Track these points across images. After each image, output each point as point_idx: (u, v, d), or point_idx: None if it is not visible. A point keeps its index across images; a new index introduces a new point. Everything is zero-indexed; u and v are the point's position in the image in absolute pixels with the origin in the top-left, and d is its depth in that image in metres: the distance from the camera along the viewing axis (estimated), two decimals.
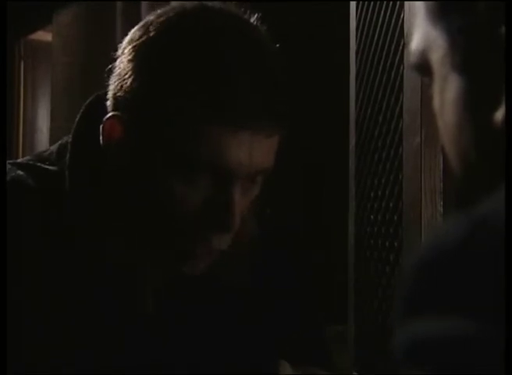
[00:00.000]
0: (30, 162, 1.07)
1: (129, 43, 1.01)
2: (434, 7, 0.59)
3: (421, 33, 0.62)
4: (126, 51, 1.01)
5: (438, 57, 0.60)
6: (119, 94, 1.00)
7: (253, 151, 0.97)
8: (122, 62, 1.00)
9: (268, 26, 1.03)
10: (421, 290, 0.52)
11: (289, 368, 1.04)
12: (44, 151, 1.10)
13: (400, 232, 1.74)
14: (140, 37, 1.00)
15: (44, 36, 4.77)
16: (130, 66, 0.99)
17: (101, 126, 1.01)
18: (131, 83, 0.98)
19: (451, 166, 0.62)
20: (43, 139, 4.87)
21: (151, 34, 0.99)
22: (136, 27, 1.03)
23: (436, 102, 0.62)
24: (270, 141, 0.99)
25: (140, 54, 0.99)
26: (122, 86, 0.99)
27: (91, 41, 3.79)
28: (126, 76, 0.99)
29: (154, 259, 1.05)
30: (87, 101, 1.08)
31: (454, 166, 0.62)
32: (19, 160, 1.08)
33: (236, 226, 0.99)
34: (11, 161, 1.07)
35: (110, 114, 1.00)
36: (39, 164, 1.06)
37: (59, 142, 1.09)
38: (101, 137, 1.01)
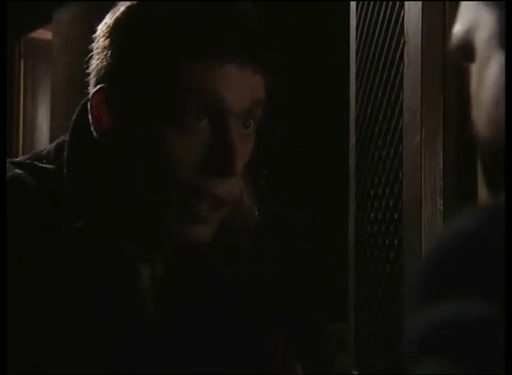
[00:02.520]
0: (28, 161, 1.07)
1: (104, 24, 1.04)
2: None
3: (467, 14, 0.64)
4: (100, 33, 1.03)
5: (484, 36, 0.62)
6: (102, 71, 1.01)
7: (241, 85, 0.98)
8: (98, 42, 1.02)
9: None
10: (439, 276, 0.53)
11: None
12: (42, 151, 1.10)
13: (400, 231, 1.74)
14: (112, 16, 1.03)
15: (44, 34, 4.78)
16: (107, 41, 1.01)
17: (88, 104, 1.02)
18: (111, 53, 1.00)
19: (483, 149, 0.64)
20: (43, 138, 4.88)
21: (122, 8, 1.02)
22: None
23: (474, 82, 0.64)
24: (257, 78, 1.00)
25: (114, 25, 1.02)
26: (102, 61, 1.01)
27: (91, 40, 3.80)
28: (105, 49, 1.01)
29: (162, 225, 1.03)
30: (84, 100, 1.08)
31: (488, 148, 0.63)
32: (16, 159, 1.09)
33: (239, 171, 0.98)
34: (8, 160, 1.07)
35: (95, 89, 1.01)
36: (36, 163, 1.06)
37: (56, 141, 1.09)
38: (89, 116, 1.02)
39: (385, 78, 1.86)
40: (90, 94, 1.02)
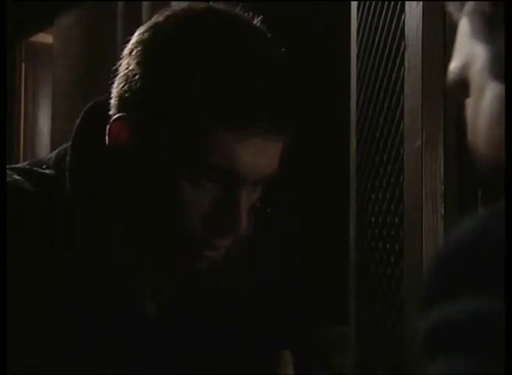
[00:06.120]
0: (27, 167, 1.07)
1: (138, 44, 1.00)
2: (483, 25, 0.64)
3: (463, 50, 0.67)
4: (133, 52, 1.00)
5: (478, 70, 0.65)
6: (126, 95, 0.99)
7: (263, 156, 0.97)
8: (130, 63, 1.00)
9: (268, 27, 1.03)
10: (449, 275, 0.55)
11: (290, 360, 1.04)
12: (43, 158, 1.11)
13: (401, 234, 1.75)
14: (149, 38, 0.99)
15: (45, 38, 4.78)
16: (139, 67, 0.98)
17: (107, 127, 1.01)
18: (140, 86, 0.98)
19: (482, 169, 0.68)
20: (44, 141, 4.88)
21: (161, 36, 0.99)
22: (143, 28, 1.02)
23: (470, 111, 0.67)
24: (278, 146, 0.99)
25: (150, 56, 0.98)
26: (130, 87, 0.99)
27: (92, 42, 3.80)
28: (135, 77, 0.98)
29: (159, 260, 1.05)
30: (87, 107, 1.08)
31: (486, 168, 0.67)
32: (15, 165, 1.09)
33: (243, 228, 0.99)
34: (8, 166, 1.08)
35: (117, 115, 1.00)
36: (35, 168, 1.07)
37: (58, 149, 1.09)
38: (106, 138, 1.01)
39: (385, 82, 1.86)
40: (113, 117, 1.01)
